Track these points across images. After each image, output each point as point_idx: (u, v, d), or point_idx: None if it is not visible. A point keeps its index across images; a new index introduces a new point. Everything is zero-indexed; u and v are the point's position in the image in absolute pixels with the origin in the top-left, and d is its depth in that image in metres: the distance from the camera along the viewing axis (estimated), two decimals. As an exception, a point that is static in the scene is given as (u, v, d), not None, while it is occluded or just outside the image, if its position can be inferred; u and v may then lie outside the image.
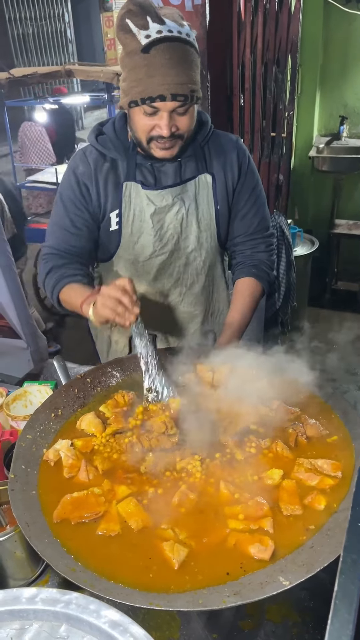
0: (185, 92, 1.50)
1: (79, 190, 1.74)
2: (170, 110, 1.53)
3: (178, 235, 1.78)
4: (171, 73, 1.47)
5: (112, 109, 4.92)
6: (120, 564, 1.09)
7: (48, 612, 0.89)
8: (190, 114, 1.58)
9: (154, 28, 1.45)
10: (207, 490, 1.25)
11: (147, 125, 1.57)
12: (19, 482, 1.26)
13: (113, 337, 2.04)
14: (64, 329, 5.12)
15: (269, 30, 3.55)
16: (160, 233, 1.76)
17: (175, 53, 1.47)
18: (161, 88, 1.48)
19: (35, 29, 10.97)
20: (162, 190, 1.72)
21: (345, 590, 0.65)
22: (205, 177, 1.76)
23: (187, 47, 1.50)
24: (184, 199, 1.75)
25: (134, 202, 1.73)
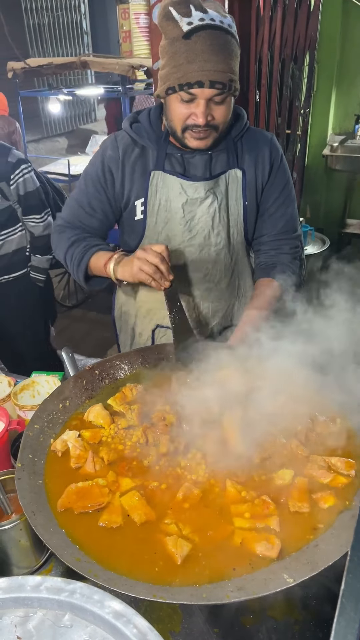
0: (224, 80, 1.49)
1: (103, 173, 1.76)
2: (207, 98, 1.52)
3: (209, 229, 1.76)
4: (211, 59, 1.46)
5: (127, 102, 4.90)
6: (122, 556, 1.09)
7: (52, 600, 0.89)
8: (227, 104, 1.57)
9: (196, 16, 1.45)
10: (213, 487, 1.25)
11: (183, 113, 1.57)
12: (26, 471, 1.26)
13: (137, 329, 2.04)
14: (71, 321, 5.13)
15: (287, 27, 3.53)
16: (190, 224, 1.75)
17: (216, 40, 1.46)
18: (200, 74, 1.47)
19: (51, 19, 10.94)
20: (196, 182, 1.71)
21: (352, 588, 0.65)
22: (236, 172, 1.74)
23: (228, 37, 1.50)
24: (217, 194, 1.73)
25: (160, 191, 1.73)
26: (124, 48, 9.15)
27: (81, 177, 1.85)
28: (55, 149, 10.67)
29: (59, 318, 5.01)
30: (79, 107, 11.81)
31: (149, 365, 1.71)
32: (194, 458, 1.32)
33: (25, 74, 5.16)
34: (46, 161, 6.11)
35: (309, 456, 1.32)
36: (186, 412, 1.45)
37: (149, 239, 1.80)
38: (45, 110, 9.98)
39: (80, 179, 1.84)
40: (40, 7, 10.65)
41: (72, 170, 5.17)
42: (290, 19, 3.48)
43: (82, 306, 5.38)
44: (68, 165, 5.11)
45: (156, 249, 1.52)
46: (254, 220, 1.84)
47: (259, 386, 1.56)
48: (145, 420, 1.44)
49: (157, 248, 1.52)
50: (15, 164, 2.85)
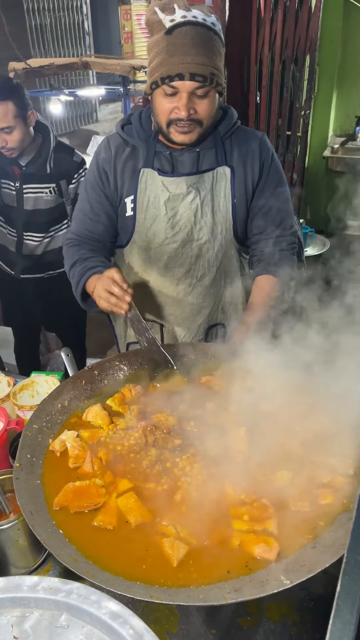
0: (205, 72, 1.52)
1: (99, 175, 1.81)
2: (189, 92, 1.55)
3: (191, 225, 1.78)
4: (191, 52, 1.50)
5: (128, 102, 4.90)
6: (120, 557, 1.10)
7: (49, 600, 0.89)
8: (210, 99, 1.60)
9: (179, 14, 1.51)
10: (212, 490, 1.24)
11: (166, 107, 1.60)
12: (24, 471, 1.26)
13: (128, 322, 2.05)
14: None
15: (288, 28, 3.53)
16: (172, 221, 1.77)
17: (197, 35, 1.50)
18: (180, 67, 1.50)
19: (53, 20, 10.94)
20: (178, 177, 1.73)
21: (348, 590, 0.65)
22: (224, 170, 1.76)
23: (210, 33, 1.53)
24: (200, 189, 1.75)
25: (149, 188, 1.76)
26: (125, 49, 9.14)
27: (81, 187, 1.92)
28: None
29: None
30: (80, 108, 11.80)
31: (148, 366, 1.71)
32: (193, 460, 1.32)
33: (27, 75, 5.16)
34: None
35: (307, 457, 1.31)
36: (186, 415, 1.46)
37: (139, 234, 1.83)
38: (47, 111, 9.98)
39: (81, 188, 1.90)
40: (42, 8, 10.66)
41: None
42: (291, 20, 3.48)
43: (82, 307, 5.37)
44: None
45: (107, 274, 1.56)
46: (244, 217, 1.85)
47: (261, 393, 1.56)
48: (145, 421, 1.44)
49: (107, 273, 1.56)
50: (79, 164, 2.89)
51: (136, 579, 1.04)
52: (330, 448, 1.35)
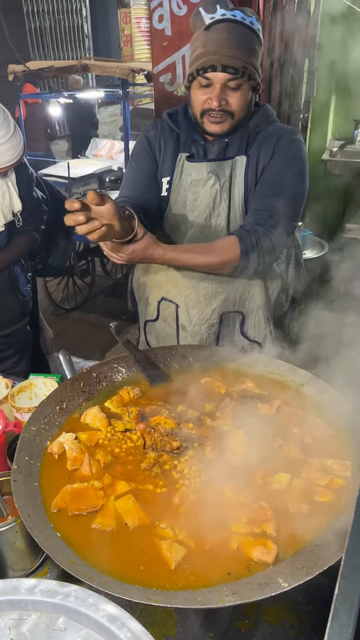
0: (237, 65, 1.60)
1: (149, 147, 1.92)
2: (221, 83, 1.64)
3: (210, 211, 1.85)
4: (225, 45, 1.60)
5: (127, 105, 4.91)
6: (117, 560, 1.09)
7: (47, 603, 0.90)
8: (243, 92, 1.68)
9: (220, 12, 1.62)
10: (210, 492, 1.24)
11: (201, 98, 1.70)
12: (22, 474, 1.26)
13: (149, 299, 2.13)
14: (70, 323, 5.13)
15: (287, 32, 3.54)
16: (193, 205, 1.85)
17: (232, 31, 1.61)
18: (213, 59, 1.61)
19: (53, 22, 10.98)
20: (199, 162, 1.81)
21: (346, 594, 0.65)
22: (242, 159, 1.82)
23: (247, 31, 1.63)
24: (219, 176, 1.81)
25: (184, 172, 1.85)
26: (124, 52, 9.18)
27: (130, 159, 2.00)
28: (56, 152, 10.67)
29: (57, 320, 5.02)
30: (79, 110, 11.81)
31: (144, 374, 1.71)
32: (192, 462, 1.31)
33: (26, 77, 5.18)
34: (46, 164, 6.11)
35: (305, 459, 1.32)
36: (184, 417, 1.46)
37: (169, 214, 1.91)
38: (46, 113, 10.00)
39: (129, 164, 2.00)
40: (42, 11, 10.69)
41: (72, 173, 5.17)
42: (290, 24, 3.49)
43: (80, 309, 5.38)
44: (68, 168, 5.11)
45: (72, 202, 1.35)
46: None
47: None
48: (143, 424, 1.44)
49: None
50: None
51: (134, 581, 1.04)
52: (328, 450, 1.35)
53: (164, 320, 2.10)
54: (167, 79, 2.98)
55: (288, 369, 1.64)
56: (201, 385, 1.60)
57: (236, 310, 2.03)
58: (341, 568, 0.68)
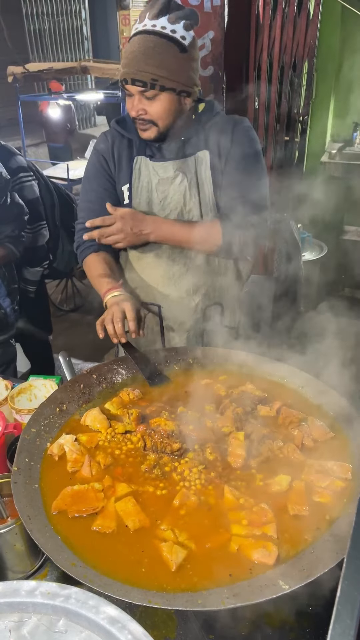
0: (144, 78, 1.65)
1: (100, 164, 1.93)
2: (137, 93, 1.69)
3: (181, 207, 1.87)
4: (134, 59, 1.65)
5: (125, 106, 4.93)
6: (118, 562, 1.09)
7: (47, 605, 0.89)
8: (161, 101, 1.71)
9: (144, 23, 1.65)
10: (210, 494, 1.24)
11: (128, 106, 1.76)
12: (22, 475, 1.26)
13: None
14: (69, 325, 5.12)
15: (286, 34, 3.54)
16: (164, 203, 1.88)
17: (145, 44, 1.64)
18: (125, 72, 1.68)
19: (52, 24, 10.98)
20: (165, 162, 1.85)
21: (348, 595, 0.65)
22: (204, 154, 1.85)
23: (162, 41, 1.64)
24: (186, 173, 1.85)
25: (143, 174, 1.88)
26: (124, 54, 9.14)
27: (83, 180, 2.01)
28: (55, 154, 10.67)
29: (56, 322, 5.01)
30: (78, 112, 11.82)
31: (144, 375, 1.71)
32: (192, 464, 1.31)
33: (25, 79, 5.18)
34: (45, 165, 6.11)
35: (305, 461, 1.32)
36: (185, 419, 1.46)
37: None
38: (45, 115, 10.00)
39: (83, 182, 2.01)
40: (41, 12, 10.70)
41: (71, 175, 5.18)
42: (290, 26, 3.50)
43: (79, 310, 5.37)
44: (67, 170, 5.11)
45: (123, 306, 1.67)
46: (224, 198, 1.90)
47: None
48: (143, 426, 1.44)
49: (124, 306, 1.67)
50: (14, 171, 2.81)
51: (134, 583, 1.04)
52: (328, 452, 1.35)
53: (145, 326, 2.04)
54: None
55: (288, 370, 1.64)
56: (201, 387, 1.60)
57: (216, 302, 2.05)
58: (343, 570, 0.68)
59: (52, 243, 3.20)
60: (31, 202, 2.92)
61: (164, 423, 1.41)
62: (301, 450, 1.36)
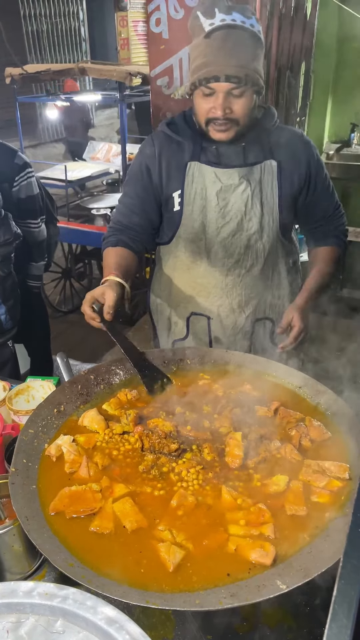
0: (239, 74, 1.59)
1: (141, 170, 1.88)
2: (224, 92, 1.62)
3: (242, 215, 1.83)
4: (226, 55, 1.58)
5: (124, 108, 4.92)
6: (116, 562, 1.09)
7: (45, 606, 0.89)
8: (247, 98, 1.66)
9: (219, 17, 1.58)
10: (208, 495, 1.24)
11: (204, 107, 1.69)
12: (20, 476, 1.26)
13: (172, 319, 2.11)
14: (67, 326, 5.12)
15: (283, 35, 3.55)
16: (224, 211, 1.82)
17: (233, 38, 1.58)
18: (216, 69, 1.59)
19: (50, 26, 11.00)
20: (230, 169, 1.80)
21: (345, 595, 0.65)
22: (271, 163, 1.82)
23: (247, 35, 1.60)
24: (250, 181, 1.81)
25: (196, 180, 1.82)
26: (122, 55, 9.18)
27: (126, 180, 1.98)
28: (53, 155, 10.68)
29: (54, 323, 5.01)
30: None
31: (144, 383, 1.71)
32: (189, 465, 1.31)
33: (23, 80, 5.18)
34: (43, 167, 6.11)
35: (303, 461, 1.32)
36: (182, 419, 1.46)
37: (185, 227, 1.87)
38: (43, 116, 10.02)
39: (126, 182, 1.98)
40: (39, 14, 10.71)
41: (69, 176, 5.18)
42: (287, 28, 3.51)
43: (78, 311, 5.37)
44: (65, 171, 5.11)
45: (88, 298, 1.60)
46: (289, 211, 1.90)
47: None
48: (141, 426, 1.44)
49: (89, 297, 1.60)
50: (21, 167, 2.85)
51: (132, 584, 1.04)
52: (325, 452, 1.35)
53: (194, 336, 2.07)
54: (164, 82, 2.99)
55: (285, 371, 1.64)
56: (199, 388, 1.60)
57: (267, 317, 2.02)
58: (339, 569, 0.68)
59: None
60: (36, 197, 2.95)
61: (161, 424, 1.41)
62: (299, 450, 1.36)
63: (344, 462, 1.30)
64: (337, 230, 2.04)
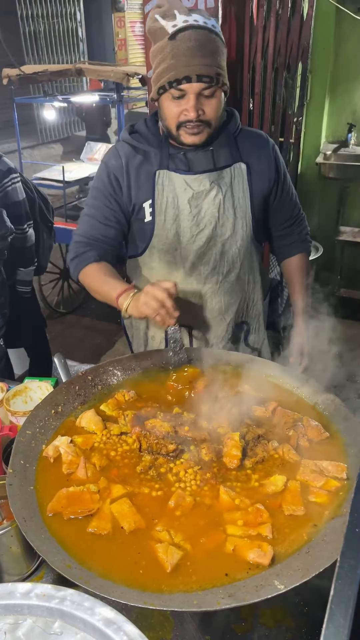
0: (211, 73, 1.56)
1: (109, 182, 1.81)
2: (196, 93, 1.59)
3: (215, 221, 1.80)
4: (197, 54, 1.54)
5: (121, 108, 4.92)
6: (113, 563, 1.09)
7: (42, 607, 0.89)
8: (217, 99, 1.64)
9: (180, 19, 1.56)
10: (206, 495, 1.24)
11: (175, 111, 1.64)
12: (18, 477, 1.26)
13: (149, 332, 2.06)
14: (65, 327, 5.12)
15: (280, 36, 3.55)
16: (197, 218, 1.79)
17: (200, 38, 1.55)
18: (187, 69, 1.55)
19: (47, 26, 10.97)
20: (200, 174, 1.76)
21: (342, 595, 0.65)
22: (240, 166, 1.80)
23: (212, 35, 1.58)
24: (221, 185, 1.78)
25: (167, 189, 1.77)
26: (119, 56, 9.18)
27: (89, 194, 1.91)
28: (50, 156, 10.67)
29: (52, 324, 5.00)
30: (73, 114, 11.82)
31: (142, 371, 1.71)
32: (187, 465, 1.31)
33: (21, 81, 5.17)
34: (41, 167, 6.10)
35: (300, 461, 1.32)
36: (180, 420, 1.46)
37: (159, 237, 1.82)
38: (40, 117, 10.00)
39: (89, 196, 1.90)
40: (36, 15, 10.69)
41: (66, 177, 5.17)
42: (284, 28, 3.50)
43: (75, 312, 5.37)
44: (63, 172, 5.10)
45: (164, 285, 1.55)
46: (261, 213, 1.89)
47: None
48: (139, 427, 1.44)
49: (166, 284, 1.55)
50: (5, 173, 2.82)
51: (130, 585, 1.04)
52: (323, 452, 1.35)
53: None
54: (161, 82, 2.99)
55: (283, 371, 1.65)
56: (197, 388, 1.60)
57: (243, 321, 2.01)
58: (336, 569, 0.68)
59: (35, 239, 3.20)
60: (21, 203, 2.93)
61: (159, 424, 1.41)
62: (296, 450, 1.36)
63: (341, 462, 1.30)
64: (301, 235, 2.06)
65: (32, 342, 3.48)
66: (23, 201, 2.95)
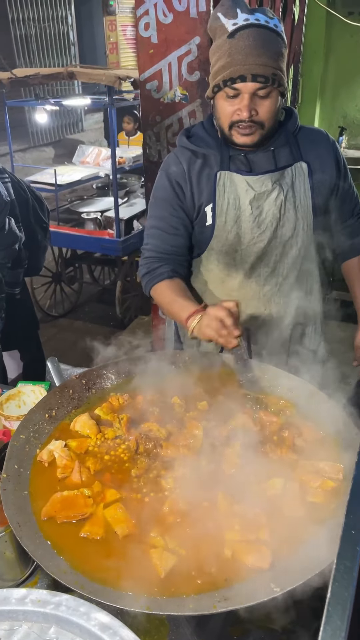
0: (267, 73, 1.53)
1: (172, 190, 1.79)
2: (250, 92, 1.56)
3: (277, 222, 1.77)
4: (253, 54, 1.51)
5: (113, 112, 4.91)
6: (109, 568, 1.08)
7: (38, 613, 0.89)
8: (272, 100, 1.60)
9: (242, 17, 1.53)
10: (203, 500, 1.24)
11: (228, 110, 1.61)
12: (12, 482, 1.25)
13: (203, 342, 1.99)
14: (58, 330, 5.11)
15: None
16: (258, 219, 1.76)
17: (259, 37, 1.52)
18: (242, 69, 1.52)
19: (38, 30, 10.98)
20: (262, 175, 1.73)
21: (338, 597, 0.65)
22: (301, 165, 1.77)
23: (273, 35, 1.55)
24: (282, 185, 1.75)
25: (228, 190, 1.74)
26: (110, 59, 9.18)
27: (151, 204, 1.88)
28: (42, 159, 10.67)
29: (45, 327, 4.99)
30: (65, 117, 11.83)
31: (136, 374, 1.71)
32: (182, 470, 1.31)
33: (12, 84, 5.15)
34: (33, 171, 6.09)
35: (297, 461, 1.32)
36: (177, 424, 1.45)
37: (218, 239, 1.80)
38: (32, 120, 10.00)
39: (152, 206, 1.87)
40: (28, 18, 10.69)
41: (59, 180, 5.16)
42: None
43: (68, 315, 5.36)
44: (55, 175, 5.09)
45: (226, 304, 1.51)
46: (322, 213, 1.86)
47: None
48: (137, 431, 1.43)
49: (227, 304, 1.51)
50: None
51: (125, 589, 1.03)
52: (319, 453, 1.36)
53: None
54: (153, 86, 3.00)
55: (278, 374, 1.65)
56: (193, 392, 1.60)
57: (299, 322, 1.97)
58: (333, 571, 0.68)
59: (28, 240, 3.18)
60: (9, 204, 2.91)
61: (156, 428, 1.41)
62: (293, 451, 1.36)
63: (337, 462, 1.30)
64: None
65: (25, 345, 3.46)
66: (12, 202, 2.93)
